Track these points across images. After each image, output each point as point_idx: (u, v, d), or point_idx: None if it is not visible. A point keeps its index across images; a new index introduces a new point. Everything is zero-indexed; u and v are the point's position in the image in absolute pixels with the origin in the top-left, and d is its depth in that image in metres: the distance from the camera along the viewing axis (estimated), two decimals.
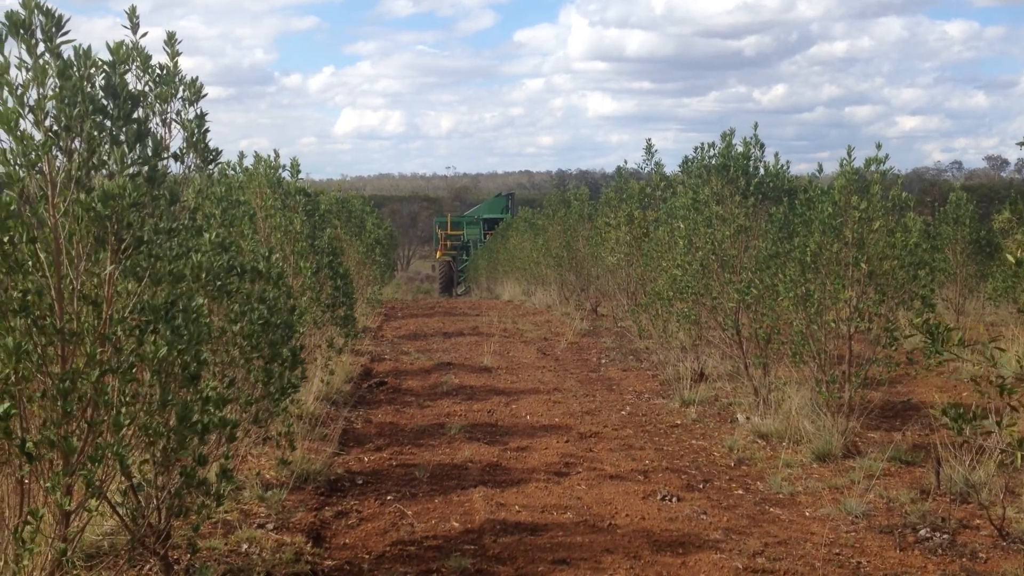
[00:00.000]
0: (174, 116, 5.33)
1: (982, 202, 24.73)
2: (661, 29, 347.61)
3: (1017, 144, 4.96)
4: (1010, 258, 4.87)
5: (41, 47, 4.13)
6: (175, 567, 5.19)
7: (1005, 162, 76.90)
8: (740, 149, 10.69)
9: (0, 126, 3.99)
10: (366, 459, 8.33)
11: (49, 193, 4.15)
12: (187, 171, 5.53)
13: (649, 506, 6.82)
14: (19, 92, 4.08)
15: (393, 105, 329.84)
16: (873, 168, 8.48)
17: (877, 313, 8.53)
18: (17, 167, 4.09)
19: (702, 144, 11.44)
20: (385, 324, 20.27)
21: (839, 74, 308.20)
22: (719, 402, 10.62)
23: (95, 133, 4.26)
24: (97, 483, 4.13)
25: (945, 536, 6.21)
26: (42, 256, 4.11)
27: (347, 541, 6.18)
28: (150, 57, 4.99)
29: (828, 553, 5.90)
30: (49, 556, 4.15)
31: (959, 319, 16.19)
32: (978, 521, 6.48)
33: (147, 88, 5.08)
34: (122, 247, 4.27)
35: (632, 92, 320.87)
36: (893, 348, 8.58)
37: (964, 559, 5.83)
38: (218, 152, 5.59)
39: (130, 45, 4.65)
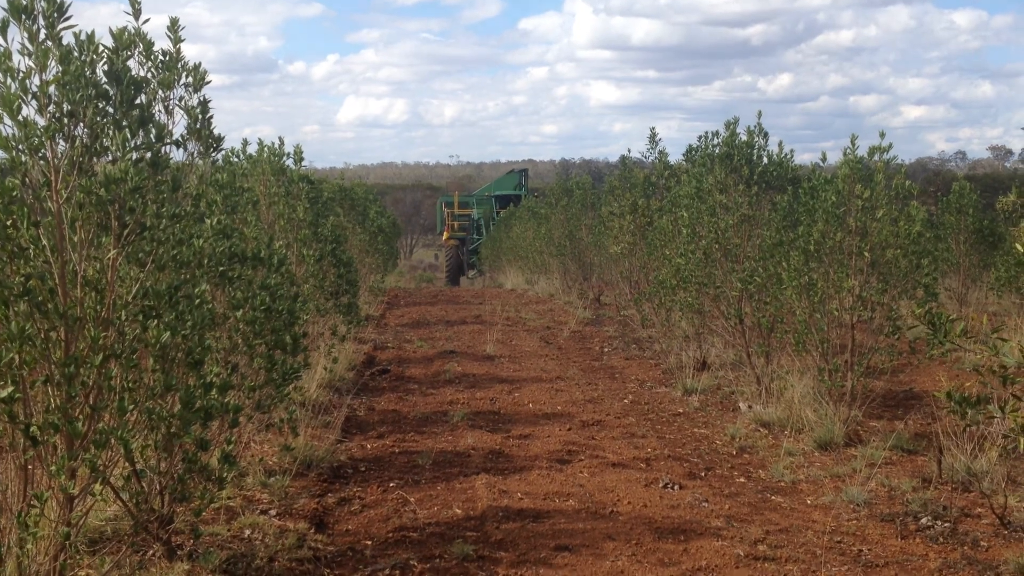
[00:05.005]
0: (177, 102, 5.32)
1: (986, 192, 24.65)
2: (666, 17, 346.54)
3: (1022, 128, 4.93)
4: (1018, 247, 4.85)
5: (43, 33, 4.13)
6: (178, 552, 5.21)
7: (1009, 152, 76.63)
8: (744, 138, 10.68)
9: (3, 111, 3.99)
10: (369, 446, 8.35)
11: (52, 178, 4.15)
12: (190, 158, 5.53)
13: (651, 494, 6.83)
14: (21, 78, 4.08)
15: (397, 93, 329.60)
16: (877, 157, 8.46)
17: (880, 302, 8.53)
18: (20, 152, 4.09)
19: (706, 133, 11.43)
20: (388, 312, 20.28)
21: (845, 63, 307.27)
22: (722, 391, 10.63)
23: (97, 119, 4.26)
24: (101, 467, 4.14)
25: (946, 524, 6.22)
26: (45, 241, 4.11)
27: (350, 527, 6.20)
28: (152, 43, 4.97)
29: (829, 541, 5.91)
30: (53, 540, 4.16)
31: (962, 309, 16.18)
32: (979, 509, 6.49)
33: (150, 75, 5.07)
34: (124, 232, 4.28)
35: (636, 81, 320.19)
36: (896, 337, 8.59)
37: (965, 547, 5.84)
38: (221, 139, 5.57)
39: (133, 31, 4.64)
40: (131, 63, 4.53)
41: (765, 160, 10.82)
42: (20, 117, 4.04)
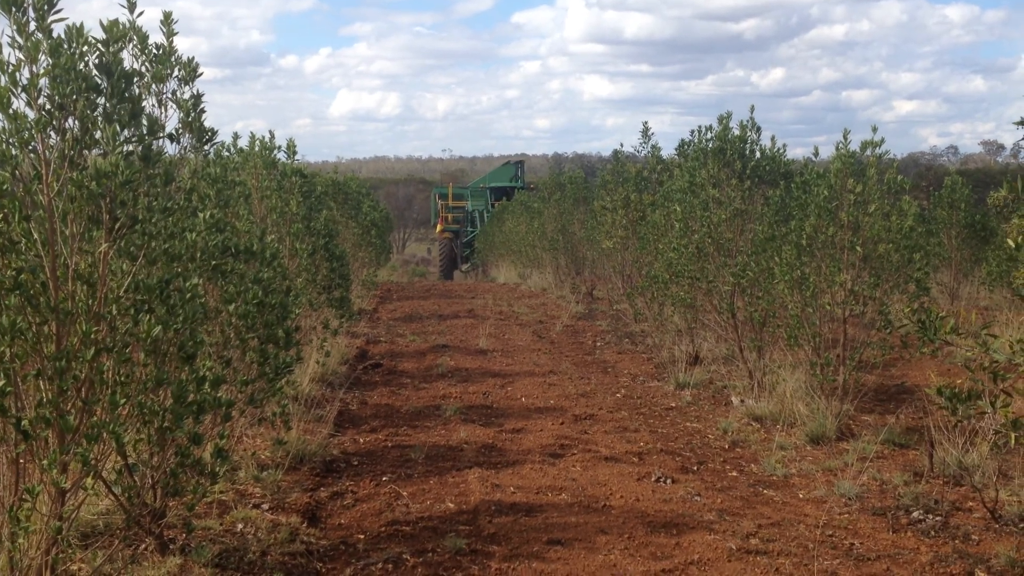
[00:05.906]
0: (169, 96, 5.31)
1: (977, 187, 24.72)
2: (659, 12, 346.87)
3: (1015, 124, 4.95)
4: (1010, 243, 4.87)
5: (33, 25, 4.11)
6: (170, 546, 5.20)
7: (1001, 147, 76.78)
8: (737, 132, 10.67)
9: None
10: (362, 440, 8.34)
11: (43, 172, 4.13)
12: (183, 151, 5.51)
13: (643, 488, 6.84)
14: (11, 70, 4.06)
15: (389, 87, 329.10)
16: (869, 152, 8.49)
17: (872, 296, 8.55)
18: (10, 146, 4.08)
19: (699, 127, 11.40)
20: (381, 306, 20.25)
21: (837, 58, 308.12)
22: (714, 385, 10.64)
23: (88, 111, 4.25)
24: (93, 461, 4.13)
25: (938, 518, 6.24)
26: (36, 235, 4.10)
27: (342, 521, 6.20)
28: (147, 36, 4.96)
29: (821, 534, 5.93)
30: (45, 535, 4.15)
31: (953, 303, 16.23)
32: (971, 503, 6.51)
33: (143, 68, 5.05)
34: (116, 226, 4.27)
35: (629, 75, 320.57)
36: (887, 331, 8.61)
37: (957, 541, 5.86)
38: (214, 132, 5.56)
39: (127, 24, 4.63)
40: (125, 56, 4.52)
41: (758, 154, 10.83)
42: (10, 110, 4.03)
